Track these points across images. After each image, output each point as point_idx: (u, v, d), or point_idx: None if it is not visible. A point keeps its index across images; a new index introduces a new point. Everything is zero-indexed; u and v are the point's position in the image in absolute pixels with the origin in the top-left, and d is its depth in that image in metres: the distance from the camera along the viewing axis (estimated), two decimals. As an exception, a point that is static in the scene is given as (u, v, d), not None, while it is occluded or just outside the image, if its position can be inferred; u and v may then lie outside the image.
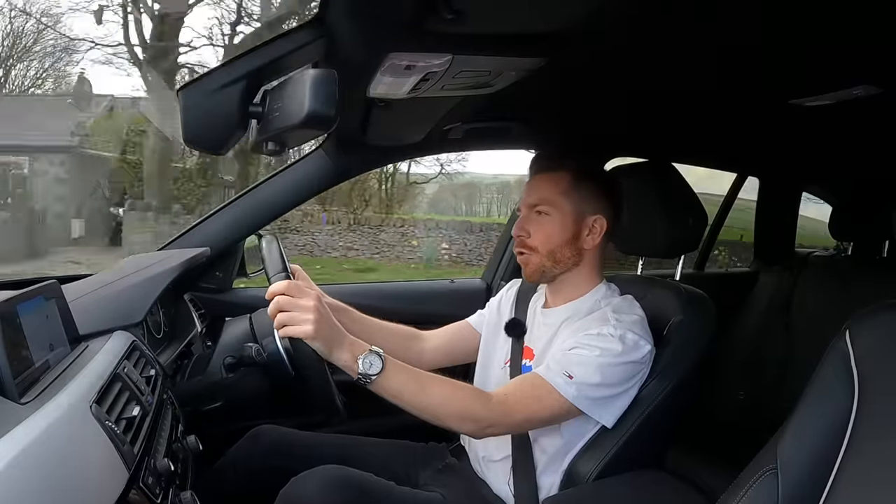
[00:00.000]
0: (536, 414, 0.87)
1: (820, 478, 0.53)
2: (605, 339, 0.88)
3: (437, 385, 0.84)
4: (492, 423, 0.85)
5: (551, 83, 0.94)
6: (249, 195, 1.25)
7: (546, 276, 1.00)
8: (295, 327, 0.77)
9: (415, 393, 0.82)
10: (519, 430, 0.93)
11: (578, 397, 0.86)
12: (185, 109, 0.64)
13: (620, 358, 0.88)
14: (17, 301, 0.64)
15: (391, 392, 0.81)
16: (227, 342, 1.19)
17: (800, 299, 1.80)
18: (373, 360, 0.79)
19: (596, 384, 0.87)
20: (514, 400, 0.87)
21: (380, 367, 0.79)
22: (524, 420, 0.88)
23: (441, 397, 0.84)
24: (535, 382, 0.88)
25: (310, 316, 0.77)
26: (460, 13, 0.58)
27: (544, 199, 0.98)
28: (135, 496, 0.60)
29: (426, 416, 0.83)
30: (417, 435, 1.17)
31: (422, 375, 0.84)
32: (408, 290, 1.67)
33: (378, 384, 0.80)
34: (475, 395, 0.88)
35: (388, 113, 0.94)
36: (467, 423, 0.85)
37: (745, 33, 0.72)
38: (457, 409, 0.84)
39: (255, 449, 1.04)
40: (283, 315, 0.78)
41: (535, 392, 0.87)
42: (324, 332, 0.77)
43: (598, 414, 0.89)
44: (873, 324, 0.56)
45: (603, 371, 0.87)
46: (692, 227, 1.15)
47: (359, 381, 0.79)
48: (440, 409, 0.83)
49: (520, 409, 0.86)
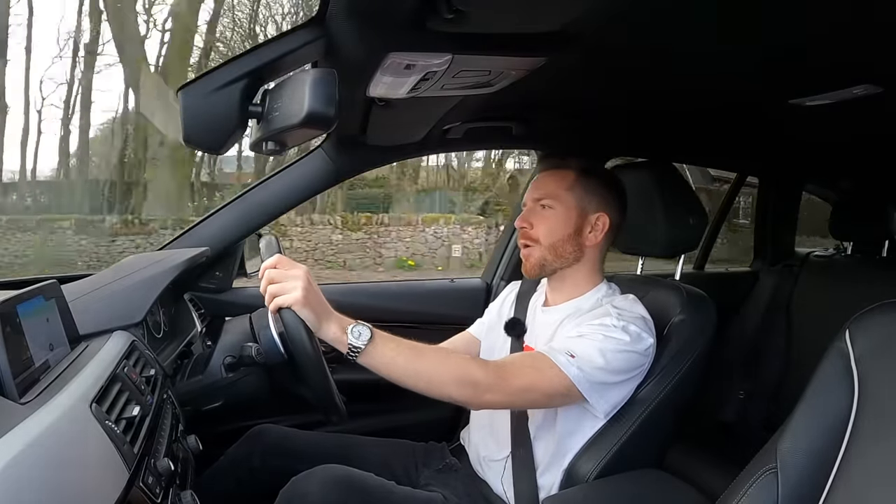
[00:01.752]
0: (535, 383, 0.84)
1: (820, 477, 0.53)
2: (609, 329, 0.89)
3: (431, 350, 0.84)
4: (489, 388, 0.82)
5: (551, 83, 0.94)
6: (249, 195, 1.25)
7: (546, 269, 1.00)
8: (284, 296, 0.77)
9: (409, 358, 0.80)
10: (517, 400, 0.88)
11: (579, 377, 0.84)
12: (185, 109, 0.64)
13: (623, 346, 0.88)
14: (17, 301, 0.64)
15: (385, 359, 0.79)
16: (227, 342, 1.19)
17: (800, 299, 1.80)
18: (361, 329, 0.79)
19: (598, 367, 0.86)
20: (513, 368, 0.86)
21: (369, 336, 0.78)
22: (522, 388, 0.84)
23: (436, 361, 0.82)
24: (537, 356, 0.88)
25: (298, 283, 0.77)
26: (460, 13, 0.58)
27: (548, 194, 0.99)
28: (135, 496, 0.60)
29: (421, 383, 0.80)
30: (417, 435, 1.17)
31: (414, 343, 0.83)
32: (408, 289, 1.67)
33: (369, 353, 0.78)
34: (471, 359, 0.86)
35: (388, 113, 0.94)
36: (465, 387, 0.81)
37: (745, 33, 0.72)
38: (453, 372, 0.81)
39: (255, 449, 1.04)
40: (273, 286, 0.78)
41: (535, 363, 0.86)
42: (312, 300, 0.78)
43: (594, 399, 0.87)
44: (873, 324, 0.57)
45: (605, 355, 0.86)
46: (692, 227, 1.15)
47: (349, 354, 0.78)
48: (436, 374, 0.81)
49: (519, 375, 0.84)
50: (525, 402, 0.90)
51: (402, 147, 1.29)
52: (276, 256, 0.81)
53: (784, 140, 1.47)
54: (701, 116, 1.22)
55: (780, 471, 0.55)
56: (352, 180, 6.16)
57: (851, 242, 1.88)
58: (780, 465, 0.56)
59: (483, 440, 1.05)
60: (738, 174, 2.05)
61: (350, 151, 1.23)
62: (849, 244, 1.89)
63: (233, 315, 1.28)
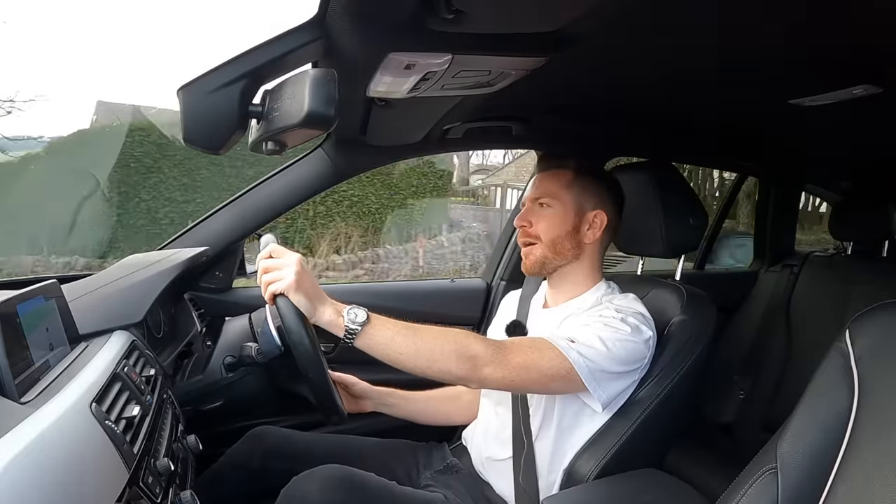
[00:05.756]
0: (535, 362, 0.84)
1: (820, 477, 0.53)
2: (608, 319, 0.90)
3: (427, 327, 0.84)
4: (489, 361, 0.81)
5: (551, 83, 0.94)
6: (249, 195, 1.25)
7: (547, 267, 1.01)
8: (277, 283, 0.78)
9: (407, 336, 0.80)
10: (515, 378, 0.84)
11: (579, 361, 0.84)
12: (184, 109, 0.64)
13: (623, 335, 0.88)
14: (17, 301, 0.64)
15: (383, 339, 0.79)
16: (227, 342, 1.19)
17: (800, 299, 1.80)
18: (357, 311, 0.79)
19: (598, 352, 0.86)
20: (513, 346, 0.86)
21: (365, 317, 0.79)
22: (521, 365, 0.83)
23: (435, 335, 0.82)
24: (537, 339, 0.88)
25: (291, 268, 0.78)
26: (460, 13, 0.58)
27: (547, 193, 1.01)
28: (135, 496, 0.60)
29: (421, 361, 0.80)
30: (418, 435, 1.17)
31: (410, 323, 0.83)
32: (408, 289, 1.67)
33: (367, 334, 0.78)
34: (470, 333, 0.86)
35: (388, 112, 0.94)
36: (464, 360, 0.80)
37: (745, 33, 0.72)
38: (453, 346, 0.81)
39: (255, 449, 1.04)
40: (267, 275, 0.79)
41: (535, 344, 0.86)
42: (305, 285, 0.78)
43: (593, 387, 0.86)
44: (873, 324, 0.56)
45: (606, 343, 0.87)
46: (692, 227, 1.15)
47: (346, 337, 0.78)
48: (436, 348, 0.80)
49: (519, 352, 0.84)
50: (523, 382, 0.86)
51: (402, 147, 1.29)
52: (269, 246, 0.82)
53: (784, 140, 1.47)
54: (701, 116, 1.22)
55: (780, 471, 0.55)
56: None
57: (851, 242, 1.87)
58: (780, 466, 0.56)
59: (486, 440, 1.05)
60: (738, 174, 2.05)
61: (350, 151, 1.23)
62: (849, 244, 1.89)
63: (233, 315, 1.28)
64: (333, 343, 1.29)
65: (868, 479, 0.49)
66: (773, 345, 1.77)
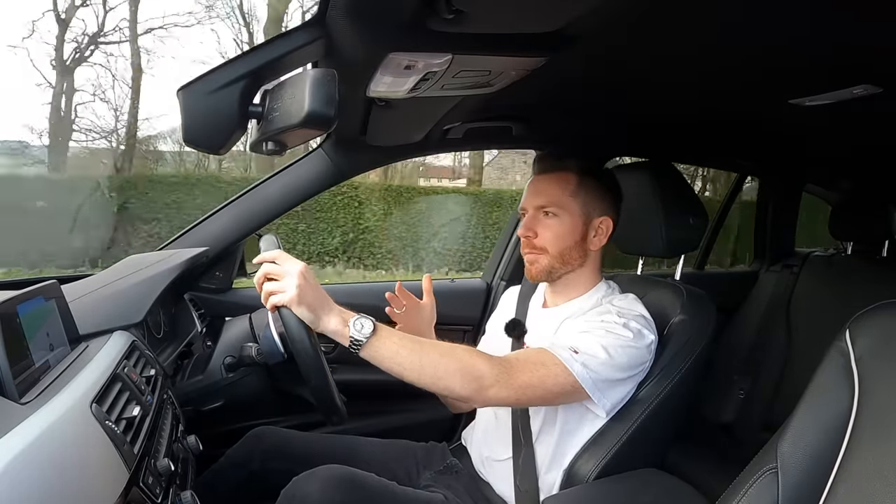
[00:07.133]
0: (541, 380, 0.83)
1: (820, 477, 0.53)
2: (611, 325, 0.89)
3: (434, 343, 0.83)
4: (495, 382, 0.80)
5: (551, 83, 0.94)
6: (249, 195, 1.25)
7: (553, 276, 1.00)
8: (279, 296, 0.76)
9: (413, 351, 0.79)
10: (521, 396, 0.84)
11: (583, 374, 0.84)
12: (184, 109, 0.64)
13: (626, 342, 0.88)
14: (18, 301, 0.64)
15: (388, 352, 0.78)
16: (227, 342, 1.19)
17: (800, 299, 1.80)
18: (364, 322, 0.78)
19: (601, 363, 0.85)
20: (518, 363, 0.84)
21: (371, 329, 0.77)
22: (527, 383, 0.83)
23: (441, 353, 0.81)
24: (541, 352, 0.87)
25: (293, 281, 0.76)
26: (460, 13, 0.58)
27: (553, 201, 0.97)
28: (135, 496, 0.60)
29: (425, 377, 0.79)
30: (418, 435, 1.17)
31: (416, 336, 0.82)
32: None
33: (372, 346, 0.77)
34: (476, 352, 0.85)
35: (388, 113, 0.94)
36: (470, 380, 0.79)
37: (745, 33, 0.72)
38: (458, 364, 0.80)
39: (255, 449, 1.04)
40: (269, 284, 0.78)
41: (540, 358, 0.85)
42: (308, 296, 0.76)
43: (597, 397, 0.86)
44: (873, 324, 0.56)
45: (608, 350, 0.86)
46: (692, 227, 1.15)
47: (351, 347, 0.77)
48: (441, 366, 0.79)
49: (524, 370, 0.83)
50: (529, 399, 0.87)
51: (402, 147, 1.29)
52: (273, 252, 0.80)
53: (784, 140, 1.47)
54: (701, 116, 1.22)
55: (780, 471, 0.55)
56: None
57: (851, 242, 1.87)
58: (780, 465, 0.55)
59: (487, 441, 1.05)
60: (738, 174, 2.05)
61: (350, 151, 1.23)
62: (849, 244, 1.89)
63: (233, 315, 1.28)
64: (334, 343, 1.29)
65: (868, 479, 0.49)
66: (773, 345, 1.77)
